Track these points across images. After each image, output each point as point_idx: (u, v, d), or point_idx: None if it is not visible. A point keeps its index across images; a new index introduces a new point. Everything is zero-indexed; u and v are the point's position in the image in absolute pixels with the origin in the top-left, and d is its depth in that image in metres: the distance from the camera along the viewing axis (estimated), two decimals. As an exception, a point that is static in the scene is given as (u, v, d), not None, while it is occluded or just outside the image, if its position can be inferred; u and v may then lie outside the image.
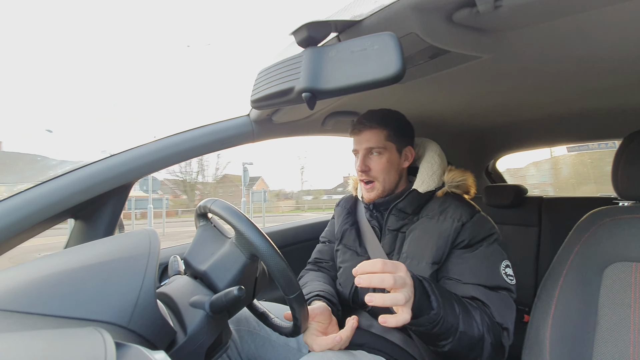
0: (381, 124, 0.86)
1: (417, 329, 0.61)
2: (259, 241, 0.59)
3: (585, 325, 0.64)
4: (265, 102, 0.52)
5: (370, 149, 0.86)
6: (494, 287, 0.71)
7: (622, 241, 0.65)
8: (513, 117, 1.28)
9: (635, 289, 0.62)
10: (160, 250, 0.52)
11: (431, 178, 0.87)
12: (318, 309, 0.74)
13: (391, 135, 0.87)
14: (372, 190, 0.87)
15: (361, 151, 0.87)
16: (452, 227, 0.78)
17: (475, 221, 0.79)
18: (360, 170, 0.87)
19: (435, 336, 0.62)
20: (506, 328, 0.69)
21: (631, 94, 0.93)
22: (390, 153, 0.87)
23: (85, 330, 0.34)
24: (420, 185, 0.86)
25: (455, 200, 0.83)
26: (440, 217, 0.81)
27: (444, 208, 0.82)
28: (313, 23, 0.47)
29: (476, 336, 0.63)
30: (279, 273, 0.59)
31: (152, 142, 0.81)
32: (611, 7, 0.48)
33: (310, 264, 1.06)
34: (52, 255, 0.50)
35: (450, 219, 0.79)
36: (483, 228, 0.78)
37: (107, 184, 0.73)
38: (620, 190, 0.70)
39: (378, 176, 0.86)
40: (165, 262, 0.97)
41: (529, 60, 0.70)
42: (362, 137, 0.87)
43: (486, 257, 0.74)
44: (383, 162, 0.86)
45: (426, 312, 0.59)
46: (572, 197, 1.74)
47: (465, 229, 0.77)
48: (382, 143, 0.86)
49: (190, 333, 0.54)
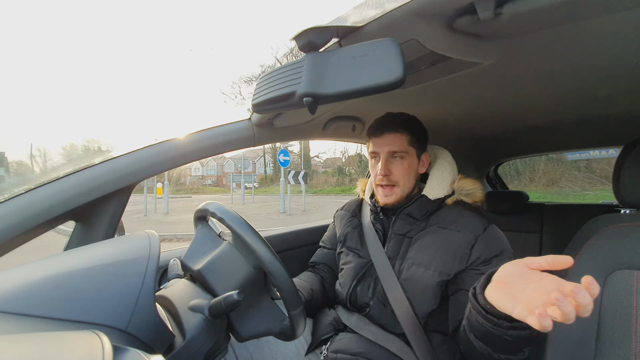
0: (404, 128, 0.85)
1: (519, 332, 0.51)
2: (266, 256, 0.58)
3: (587, 334, 0.63)
4: (267, 106, 0.52)
5: (393, 153, 0.85)
6: None
7: (624, 249, 0.65)
8: (514, 124, 1.28)
9: (638, 297, 0.61)
10: (160, 253, 0.51)
11: (441, 185, 0.87)
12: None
13: (413, 140, 0.86)
14: (392, 195, 0.86)
15: (383, 154, 0.85)
16: (465, 239, 0.77)
17: (488, 234, 0.78)
18: (383, 175, 0.84)
19: (529, 340, 0.54)
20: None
21: (631, 102, 0.94)
22: (412, 158, 0.86)
23: (83, 333, 0.34)
24: (430, 191, 0.86)
25: (466, 211, 0.83)
26: (452, 227, 0.80)
27: (456, 218, 0.81)
28: (315, 28, 0.47)
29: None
30: (285, 288, 0.59)
31: (154, 144, 0.81)
32: (610, 16, 0.48)
33: (309, 268, 1.06)
34: (51, 257, 0.50)
35: (463, 230, 0.78)
36: (497, 242, 0.77)
37: (109, 186, 0.73)
38: (622, 197, 0.70)
39: (399, 180, 0.85)
40: (165, 265, 0.96)
41: (529, 67, 0.70)
42: (384, 139, 0.85)
43: None
44: (405, 166, 0.85)
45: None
46: (573, 204, 1.73)
47: (479, 243, 0.76)
48: (405, 147, 0.85)
49: (188, 337, 0.54)
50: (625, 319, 0.61)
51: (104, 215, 0.75)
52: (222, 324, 0.61)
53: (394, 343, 0.78)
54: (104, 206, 0.75)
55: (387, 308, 0.80)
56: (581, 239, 0.71)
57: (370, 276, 0.85)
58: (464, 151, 1.72)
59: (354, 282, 0.86)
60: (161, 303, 0.60)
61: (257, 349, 0.85)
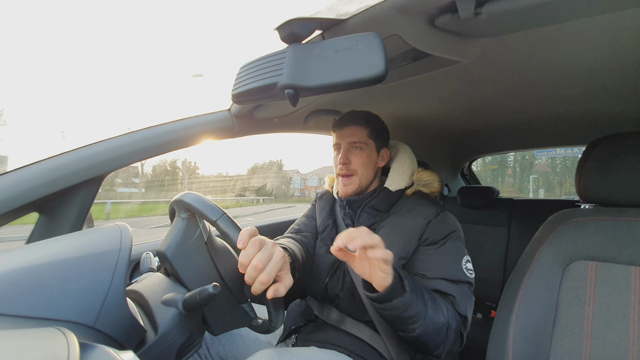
0: (364, 122, 0.90)
1: (390, 312, 0.63)
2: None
3: (545, 320, 0.68)
4: (247, 97, 0.51)
5: (353, 143, 0.89)
6: (456, 280, 0.75)
7: (582, 241, 0.70)
8: (488, 121, 1.33)
9: (591, 285, 0.66)
10: (132, 246, 0.49)
11: (401, 177, 0.91)
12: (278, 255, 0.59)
13: (372, 134, 0.90)
14: (350, 184, 0.89)
15: (344, 145, 0.90)
16: (419, 224, 0.81)
17: (440, 219, 0.83)
18: (342, 163, 0.89)
19: (405, 320, 0.64)
20: (466, 317, 0.73)
21: (596, 103, 1.00)
22: (370, 150, 0.90)
23: (46, 330, 0.32)
24: (392, 183, 0.90)
25: (423, 200, 0.87)
26: (409, 215, 0.84)
27: (413, 207, 0.86)
28: (298, 19, 0.46)
29: (442, 322, 0.67)
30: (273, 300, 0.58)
31: (126, 134, 0.77)
32: (580, 20, 0.51)
33: (289, 232, 1.01)
34: (11, 250, 0.47)
35: (418, 217, 0.83)
36: (446, 226, 0.82)
37: (76, 177, 0.69)
38: (583, 193, 0.75)
39: (357, 170, 0.89)
40: (137, 259, 0.93)
41: (505, 66, 0.73)
42: (346, 131, 0.90)
43: (450, 253, 0.78)
44: (363, 157, 0.89)
45: (400, 294, 0.61)
46: (539, 200, 1.84)
47: (430, 227, 0.81)
48: (364, 139, 0.89)
49: (161, 332, 0.53)
50: (580, 305, 0.66)
51: (71, 208, 0.71)
52: (197, 318, 0.60)
53: (364, 331, 0.80)
54: (71, 198, 0.71)
55: (356, 297, 0.83)
56: (544, 232, 0.76)
57: (340, 270, 0.88)
58: (440, 147, 1.77)
59: (327, 279, 0.88)
60: (132, 297, 0.58)
61: (230, 341, 0.86)
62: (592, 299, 0.65)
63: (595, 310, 0.65)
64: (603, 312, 0.64)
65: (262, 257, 0.52)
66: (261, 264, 0.52)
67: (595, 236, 0.68)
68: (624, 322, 0.62)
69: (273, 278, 0.53)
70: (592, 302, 0.65)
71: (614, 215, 0.69)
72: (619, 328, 0.62)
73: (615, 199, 0.70)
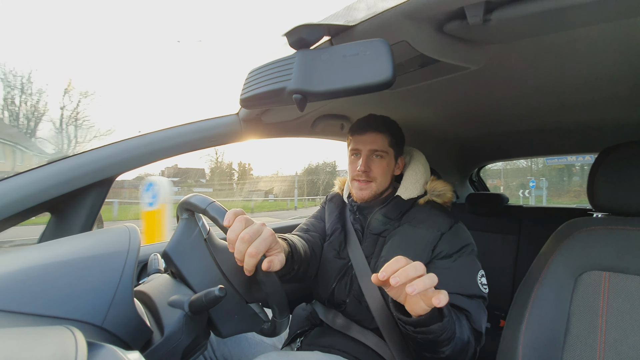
0: (386, 129, 0.88)
1: (424, 336, 0.60)
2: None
3: (556, 332, 0.66)
4: (256, 101, 0.52)
5: (374, 151, 0.88)
6: (471, 295, 0.73)
7: (594, 251, 0.68)
8: (497, 128, 1.32)
9: (605, 296, 0.64)
10: (140, 247, 0.50)
11: (414, 186, 0.89)
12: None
13: (392, 142, 0.89)
14: (367, 189, 0.88)
15: (364, 151, 0.88)
16: (432, 236, 0.80)
17: (453, 232, 0.81)
18: (362, 171, 0.87)
19: (439, 343, 0.61)
20: (480, 333, 0.71)
21: (608, 111, 0.98)
22: (390, 159, 0.89)
23: (55, 329, 0.33)
24: (404, 192, 0.88)
25: (436, 210, 0.85)
26: (421, 225, 0.82)
27: (426, 217, 0.84)
28: (306, 25, 0.47)
29: (466, 340, 0.65)
30: (275, 295, 0.58)
31: (137, 137, 0.78)
32: (591, 27, 0.50)
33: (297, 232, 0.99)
34: (23, 249, 0.48)
35: (431, 228, 0.81)
36: (460, 238, 0.80)
37: (87, 178, 0.71)
38: (595, 202, 0.73)
39: (377, 177, 0.88)
40: (145, 260, 0.94)
41: (514, 73, 0.72)
42: (367, 138, 0.88)
43: (465, 268, 0.77)
44: (384, 165, 0.88)
45: (439, 319, 0.59)
46: (550, 207, 1.80)
47: (444, 239, 0.79)
48: (385, 147, 0.88)
49: (167, 333, 0.53)
50: (593, 317, 0.64)
51: (82, 208, 0.72)
52: (202, 320, 0.60)
53: (370, 338, 0.79)
54: (82, 199, 0.73)
55: (362, 305, 0.82)
56: (555, 241, 0.74)
57: (348, 275, 0.87)
58: (448, 153, 1.75)
59: (335, 284, 0.87)
60: (140, 298, 0.58)
61: (235, 344, 0.86)
62: (606, 311, 0.63)
63: (609, 322, 0.63)
64: (617, 324, 0.62)
65: (249, 231, 0.53)
66: (248, 235, 0.52)
67: (608, 246, 0.67)
68: (639, 335, 0.60)
69: (262, 252, 0.53)
70: (606, 313, 0.63)
71: (626, 225, 0.67)
72: (634, 341, 0.60)
73: (628, 207, 0.68)
